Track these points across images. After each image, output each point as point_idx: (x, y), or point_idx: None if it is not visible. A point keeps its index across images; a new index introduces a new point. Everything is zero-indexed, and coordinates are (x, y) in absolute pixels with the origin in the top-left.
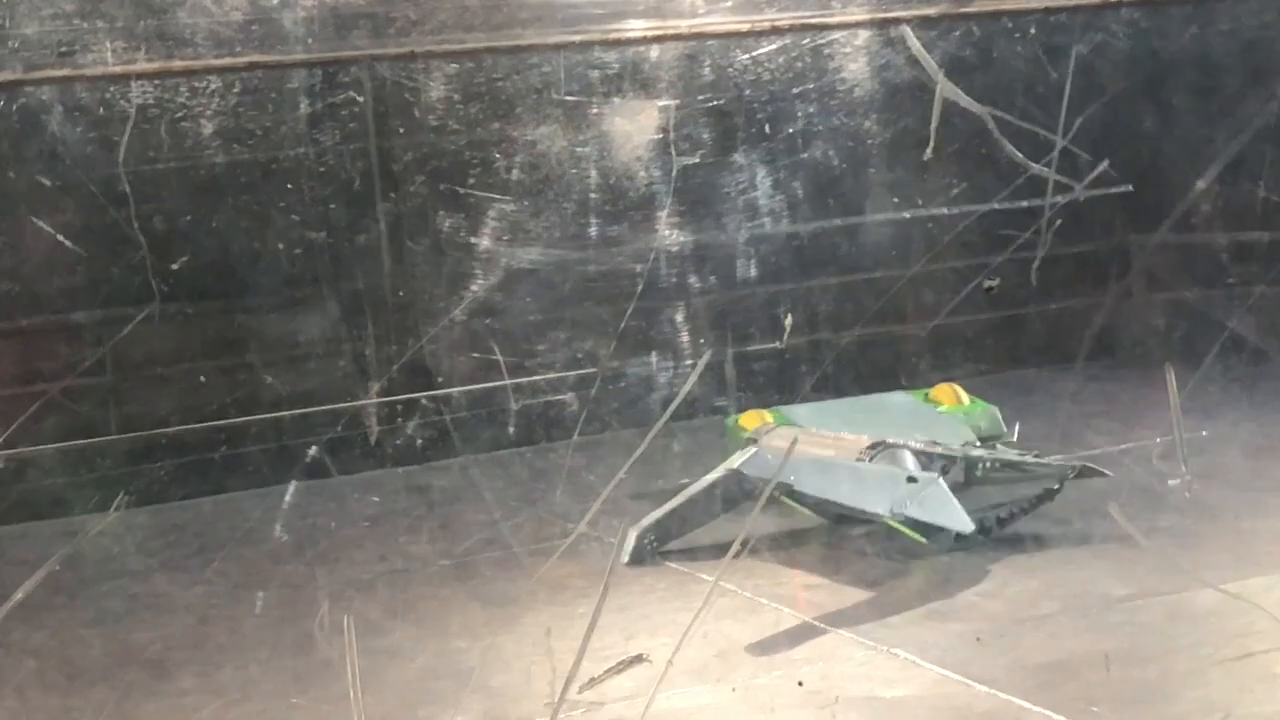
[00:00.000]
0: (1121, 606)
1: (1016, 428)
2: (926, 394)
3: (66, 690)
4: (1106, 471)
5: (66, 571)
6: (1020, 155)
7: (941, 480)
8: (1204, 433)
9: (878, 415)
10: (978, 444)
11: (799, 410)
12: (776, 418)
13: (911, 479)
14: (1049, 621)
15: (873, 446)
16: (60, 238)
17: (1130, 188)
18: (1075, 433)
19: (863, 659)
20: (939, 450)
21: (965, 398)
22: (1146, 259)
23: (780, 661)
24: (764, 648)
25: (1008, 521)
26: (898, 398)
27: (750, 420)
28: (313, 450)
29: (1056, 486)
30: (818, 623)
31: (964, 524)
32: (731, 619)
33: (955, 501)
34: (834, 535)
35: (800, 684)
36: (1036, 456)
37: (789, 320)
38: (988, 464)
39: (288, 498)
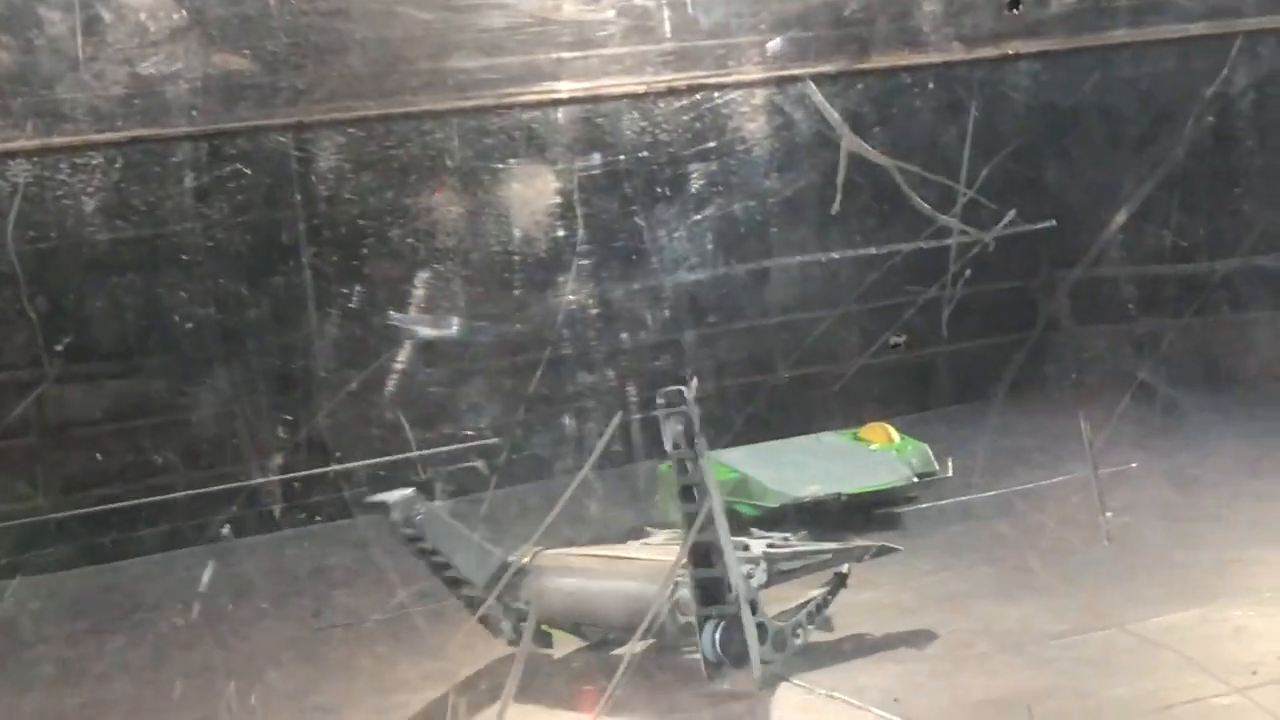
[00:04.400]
0: (1055, 643)
1: (950, 463)
2: (856, 434)
3: None
4: (898, 547)
5: None
6: (928, 207)
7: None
8: (1134, 464)
9: (813, 456)
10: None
11: (733, 454)
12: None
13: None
14: (985, 660)
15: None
16: None
17: (1053, 222)
18: (1006, 467)
19: (799, 702)
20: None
21: (896, 436)
22: (1059, 300)
23: (718, 701)
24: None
25: (807, 627)
26: (829, 439)
27: None
28: (225, 530)
29: (845, 570)
30: None
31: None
32: (669, 673)
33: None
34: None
35: None
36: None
37: (694, 382)
38: (785, 559)
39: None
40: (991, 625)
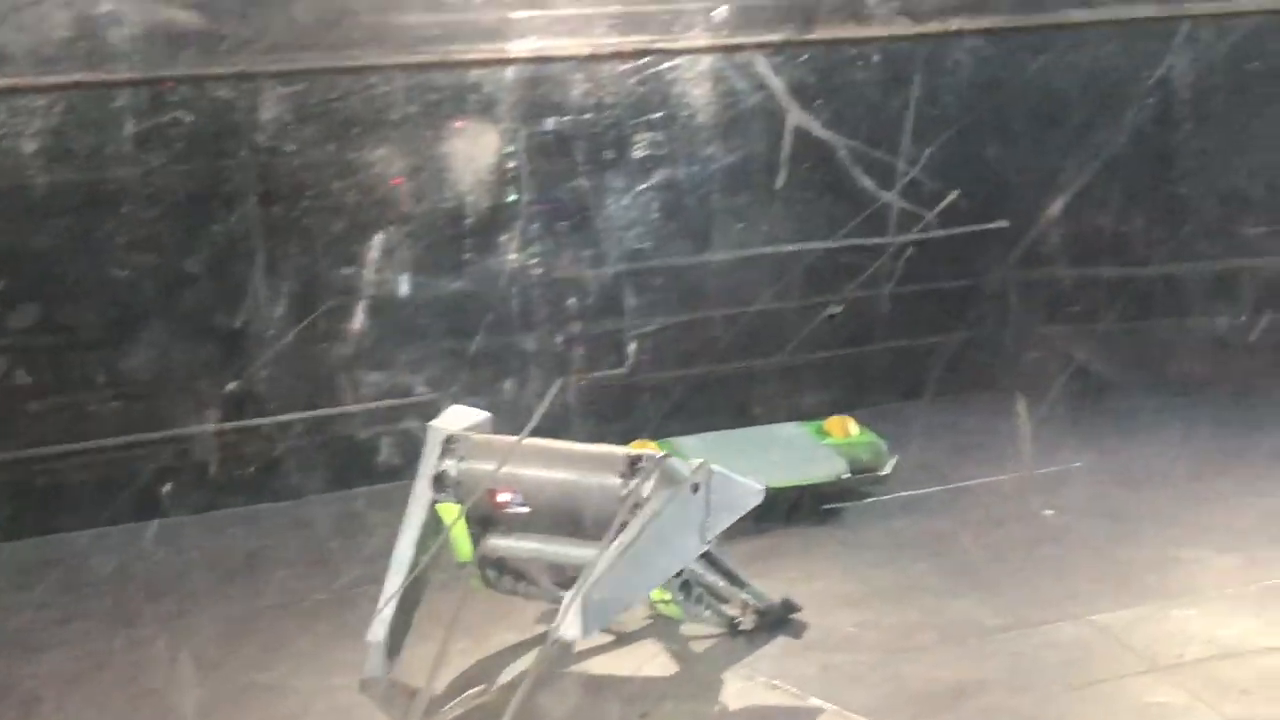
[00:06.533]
0: (997, 637)
1: (893, 461)
2: (820, 426)
3: None
4: (798, 605)
5: None
6: (871, 183)
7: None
8: (1077, 464)
9: (763, 447)
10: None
11: (687, 441)
12: (665, 449)
13: (695, 486)
14: (927, 652)
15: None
16: None
17: (1007, 223)
18: (953, 465)
19: (738, 690)
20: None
21: (855, 430)
22: (1002, 290)
23: (655, 696)
24: (636, 684)
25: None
26: (788, 429)
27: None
28: (166, 488)
29: (737, 621)
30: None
31: (757, 491)
32: (602, 657)
33: (738, 477)
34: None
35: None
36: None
37: (633, 347)
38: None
39: (153, 531)
40: (933, 618)
